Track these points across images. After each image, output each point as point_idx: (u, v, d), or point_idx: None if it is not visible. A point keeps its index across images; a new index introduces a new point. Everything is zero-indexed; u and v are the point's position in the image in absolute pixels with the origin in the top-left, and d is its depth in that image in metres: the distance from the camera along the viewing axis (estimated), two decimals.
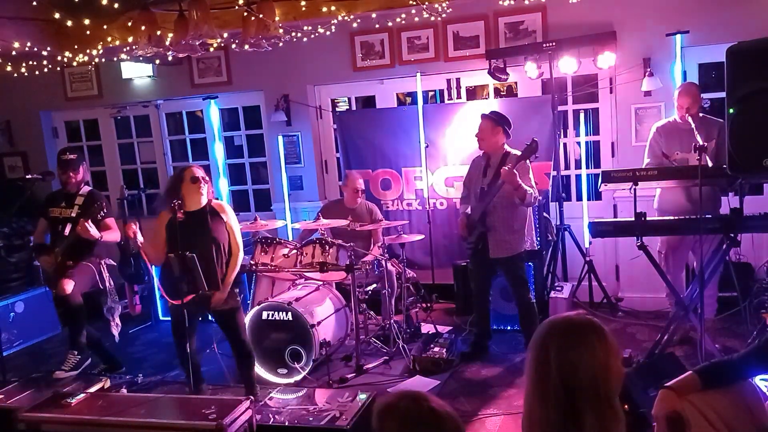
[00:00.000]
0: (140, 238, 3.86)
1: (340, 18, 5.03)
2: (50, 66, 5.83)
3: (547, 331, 1.64)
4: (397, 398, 1.56)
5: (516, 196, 4.34)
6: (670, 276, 4.36)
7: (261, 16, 4.10)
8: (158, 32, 4.15)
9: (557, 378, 1.57)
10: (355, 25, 5.52)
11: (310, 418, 3.44)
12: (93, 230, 4.44)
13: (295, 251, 4.74)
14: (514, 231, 4.48)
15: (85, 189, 4.82)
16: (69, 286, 4.54)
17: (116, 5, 4.18)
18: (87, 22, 4.58)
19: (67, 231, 4.60)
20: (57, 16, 4.49)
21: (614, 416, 1.58)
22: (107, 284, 4.84)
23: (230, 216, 3.99)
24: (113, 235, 4.74)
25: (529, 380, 1.65)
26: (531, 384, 1.64)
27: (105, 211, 4.61)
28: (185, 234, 3.74)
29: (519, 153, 4.51)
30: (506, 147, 4.55)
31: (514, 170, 4.20)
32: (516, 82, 6.04)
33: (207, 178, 3.94)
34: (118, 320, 5.02)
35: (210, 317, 4.95)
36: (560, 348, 1.58)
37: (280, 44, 4.44)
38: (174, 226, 3.76)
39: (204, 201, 3.92)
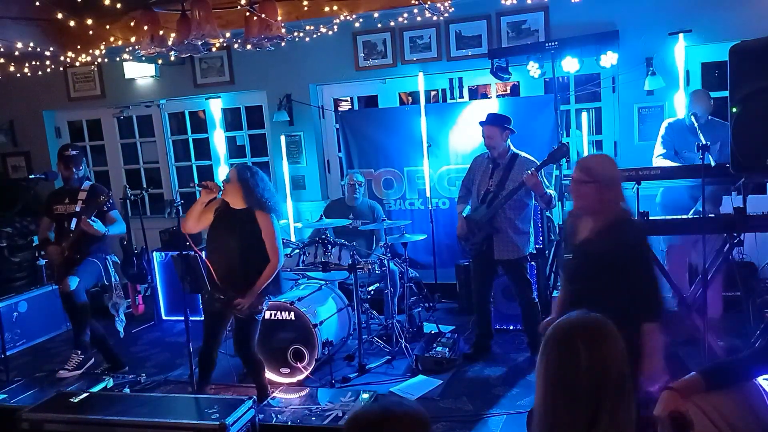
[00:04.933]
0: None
1: (342, 17, 5.03)
2: (53, 66, 5.85)
3: (572, 331, 1.64)
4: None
5: (542, 201, 4.36)
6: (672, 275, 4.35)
7: (263, 15, 4.10)
8: (161, 32, 4.16)
9: (588, 376, 1.58)
10: (357, 24, 5.53)
11: (313, 418, 3.44)
12: (97, 225, 4.44)
13: (297, 251, 4.75)
14: (520, 233, 4.48)
15: (87, 184, 4.83)
16: (73, 282, 4.55)
17: (119, 5, 4.19)
18: (90, 22, 4.59)
19: (72, 226, 4.61)
20: (60, 16, 4.50)
21: (632, 409, 1.63)
22: (113, 280, 4.84)
23: (265, 225, 3.84)
24: (118, 228, 4.75)
25: (550, 381, 1.63)
26: (553, 385, 1.62)
27: (110, 202, 4.62)
28: (220, 226, 3.82)
29: (526, 154, 4.52)
30: (512, 147, 4.55)
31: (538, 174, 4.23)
32: (518, 82, 6.03)
33: (230, 180, 3.82)
34: (122, 316, 5.03)
35: None
36: (590, 346, 1.60)
37: (283, 44, 4.44)
38: (218, 215, 3.84)
39: (238, 203, 3.85)
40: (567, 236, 2.95)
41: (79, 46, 5.41)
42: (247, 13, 4.18)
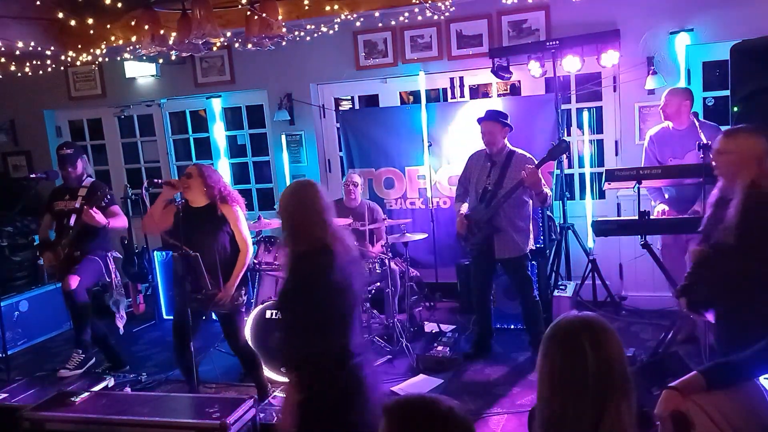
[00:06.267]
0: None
1: (343, 16, 5.02)
2: (54, 65, 5.85)
3: (576, 331, 1.65)
4: (409, 404, 1.51)
5: (538, 199, 4.34)
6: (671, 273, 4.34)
7: (264, 14, 4.10)
8: (161, 31, 4.16)
9: (594, 374, 1.59)
10: (358, 23, 5.52)
11: None
12: (99, 216, 4.45)
13: None
14: (519, 231, 4.47)
15: (88, 180, 4.84)
16: (74, 281, 4.55)
17: (119, 5, 4.18)
18: (90, 21, 4.59)
19: (72, 222, 4.62)
20: (60, 15, 4.50)
21: (634, 406, 1.65)
22: (113, 277, 4.84)
23: (231, 217, 3.93)
24: (120, 221, 4.75)
25: (556, 380, 1.64)
26: (559, 384, 1.63)
27: (108, 197, 4.62)
28: (187, 229, 3.78)
29: (523, 151, 4.51)
30: (508, 144, 4.54)
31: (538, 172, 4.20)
32: (519, 81, 6.03)
33: (192, 176, 3.87)
34: (123, 313, 5.03)
35: (213, 316, 4.97)
36: (595, 345, 1.62)
37: (284, 43, 4.44)
38: (180, 216, 3.81)
39: (200, 200, 3.90)
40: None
41: (79, 46, 5.41)
42: (248, 13, 4.17)
